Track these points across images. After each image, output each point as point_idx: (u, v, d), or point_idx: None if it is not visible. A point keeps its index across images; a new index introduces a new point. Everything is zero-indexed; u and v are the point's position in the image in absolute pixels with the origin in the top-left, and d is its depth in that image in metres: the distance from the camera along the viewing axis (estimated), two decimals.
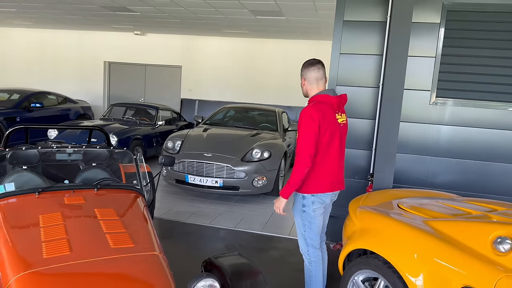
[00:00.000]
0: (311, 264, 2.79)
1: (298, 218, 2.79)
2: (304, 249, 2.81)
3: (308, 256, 2.79)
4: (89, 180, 3.07)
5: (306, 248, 2.79)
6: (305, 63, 2.75)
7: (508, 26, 3.78)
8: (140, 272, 1.96)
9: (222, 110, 7.65)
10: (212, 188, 5.32)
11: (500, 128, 3.92)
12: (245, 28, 9.28)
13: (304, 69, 2.74)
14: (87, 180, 3.09)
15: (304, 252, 2.81)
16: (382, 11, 3.90)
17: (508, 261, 1.96)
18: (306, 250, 2.79)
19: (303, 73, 2.74)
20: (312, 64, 2.70)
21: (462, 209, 2.70)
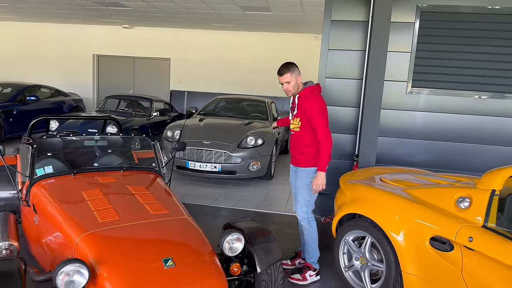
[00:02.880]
0: (311, 225, 3.28)
1: (304, 190, 3.23)
2: (305, 215, 3.28)
3: (308, 220, 3.27)
4: (108, 164, 3.47)
5: (307, 214, 3.27)
6: (294, 64, 3.26)
7: (474, 25, 4.35)
8: (179, 231, 2.44)
9: (214, 101, 8.06)
10: (211, 173, 5.78)
11: (467, 113, 4.52)
12: (232, 22, 9.67)
13: (297, 69, 3.23)
14: (105, 164, 3.49)
15: (305, 218, 3.28)
16: (365, 12, 4.41)
17: (467, 215, 2.52)
18: (306, 215, 3.27)
19: (298, 72, 3.23)
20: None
21: (433, 181, 3.27)
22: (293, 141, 3.34)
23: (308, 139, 3.16)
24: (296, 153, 3.30)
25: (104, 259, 2.05)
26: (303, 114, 3.12)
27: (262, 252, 2.53)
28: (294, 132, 3.28)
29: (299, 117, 3.18)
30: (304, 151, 3.19)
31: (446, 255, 2.49)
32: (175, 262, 2.07)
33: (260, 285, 2.52)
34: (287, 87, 3.18)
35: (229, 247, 2.41)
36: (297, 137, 3.24)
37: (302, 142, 3.20)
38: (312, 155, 3.15)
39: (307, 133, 3.15)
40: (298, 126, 3.21)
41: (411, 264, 2.68)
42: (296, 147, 3.28)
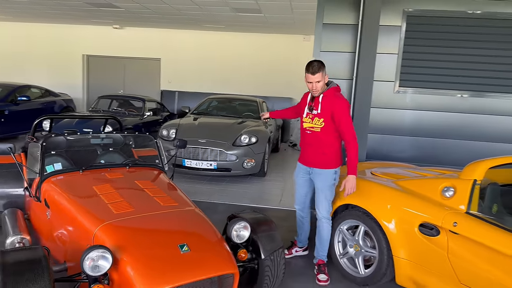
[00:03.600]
0: (330, 224, 3.32)
1: (328, 191, 3.25)
2: (327, 215, 3.30)
3: (329, 219, 3.31)
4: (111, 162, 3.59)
5: (328, 212, 3.30)
6: (323, 63, 3.15)
7: (456, 28, 4.64)
8: (190, 220, 2.62)
9: (207, 101, 8.22)
10: (207, 171, 5.95)
11: (450, 111, 4.81)
12: (223, 23, 9.84)
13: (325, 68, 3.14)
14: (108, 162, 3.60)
15: (326, 217, 3.30)
16: (355, 16, 4.65)
17: (451, 203, 2.77)
18: (328, 215, 3.30)
19: (325, 71, 3.15)
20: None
21: (420, 173, 3.53)
22: (310, 141, 3.26)
23: (331, 139, 3.17)
24: (315, 153, 3.24)
25: (123, 246, 2.22)
26: (329, 114, 3.10)
27: (265, 240, 2.73)
28: (312, 132, 3.21)
29: (323, 117, 3.13)
30: (327, 151, 3.19)
31: (434, 239, 2.74)
32: (190, 248, 2.26)
33: (264, 270, 2.72)
34: (316, 87, 3.09)
35: (237, 235, 2.61)
36: (316, 137, 3.20)
37: (324, 142, 3.18)
38: (335, 155, 3.21)
39: (330, 133, 3.15)
40: (320, 127, 3.16)
41: (401, 249, 2.93)
42: (316, 147, 3.22)
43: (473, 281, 2.55)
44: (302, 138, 3.38)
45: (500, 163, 2.90)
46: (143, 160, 4.07)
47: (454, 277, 2.65)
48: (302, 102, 3.39)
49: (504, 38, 4.59)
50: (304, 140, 3.34)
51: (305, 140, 3.32)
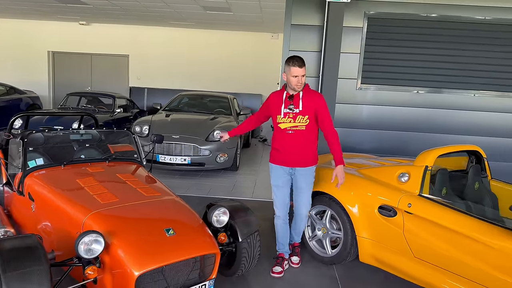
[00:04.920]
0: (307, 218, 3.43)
1: (310, 189, 3.30)
2: (307, 212, 3.37)
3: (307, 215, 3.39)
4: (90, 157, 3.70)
5: (308, 210, 3.37)
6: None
7: (412, 30, 5.05)
8: (173, 208, 2.83)
9: (178, 98, 8.34)
10: (181, 165, 6.12)
11: (408, 106, 5.23)
12: (193, 21, 9.95)
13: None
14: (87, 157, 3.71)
15: (306, 214, 3.36)
16: (320, 17, 4.97)
17: (406, 187, 3.13)
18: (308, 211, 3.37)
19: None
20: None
21: (379, 162, 3.89)
22: (293, 141, 3.15)
23: (314, 136, 3.18)
24: (299, 153, 3.17)
25: (113, 231, 2.40)
26: (313, 111, 3.09)
27: (242, 224, 2.98)
28: (295, 131, 3.12)
29: (307, 114, 3.08)
30: (312, 148, 3.19)
31: (391, 219, 3.10)
32: (175, 232, 2.48)
33: (241, 252, 2.98)
34: (302, 81, 3.02)
35: (217, 220, 2.84)
36: (301, 136, 3.12)
37: (309, 140, 3.16)
38: (315, 151, 3.24)
39: (313, 130, 3.15)
40: (305, 125, 3.10)
41: (363, 230, 3.27)
42: (301, 147, 3.15)
43: (425, 255, 2.93)
44: (279, 140, 3.19)
45: (448, 151, 3.30)
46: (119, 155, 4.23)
47: (409, 252, 3.02)
48: (273, 103, 3.19)
49: (456, 39, 5.05)
50: (283, 141, 3.17)
51: (285, 141, 3.15)
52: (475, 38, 5.02)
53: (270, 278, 3.26)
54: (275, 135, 3.26)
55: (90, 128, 3.97)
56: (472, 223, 2.71)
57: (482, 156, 3.60)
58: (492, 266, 2.55)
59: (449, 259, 2.78)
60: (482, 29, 4.99)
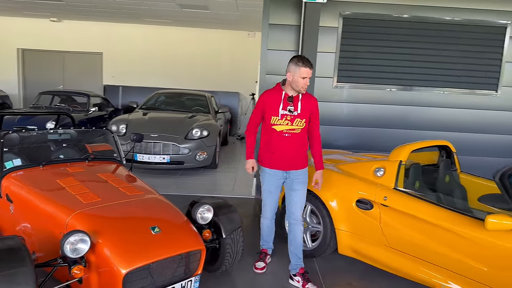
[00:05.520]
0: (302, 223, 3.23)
1: (305, 192, 3.19)
2: (300, 217, 3.18)
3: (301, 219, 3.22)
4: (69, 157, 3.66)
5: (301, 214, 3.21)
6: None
7: (385, 30, 5.23)
8: (157, 206, 2.86)
9: (155, 96, 8.28)
10: (160, 164, 6.11)
11: (381, 103, 5.42)
12: (169, 18, 9.87)
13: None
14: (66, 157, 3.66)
15: (300, 219, 3.18)
16: (297, 17, 5.08)
17: (382, 181, 3.28)
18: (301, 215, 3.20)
19: None
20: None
21: (356, 158, 4.04)
22: (289, 145, 3.04)
23: (306, 138, 3.14)
24: (294, 155, 3.07)
25: (98, 230, 2.41)
26: (309, 114, 3.04)
27: (226, 221, 3.05)
28: (292, 134, 3.01)
29: (304, 117, 3.01)
30: (305, 150, 3.14)
31: (368, 212, 3.24)
32: (160, 229, 2.51)
33: (225, 248, 3.04)
34: (308, 83, 2.93)
35: (201, 217, 2.89)
36: (297, 139, 3.04)
37: (303, 142, 3.10)
38: (306, 153, 3.19)
39: (306, 133, 3.11)
40: (301, 128, 3.02)
41: (342, 223, 3.40)
42: (296, 150, 3.07)
43: (401, 245, 3.08)
44: (275, 143, 3.04)
45: (420, 146, 3.48)
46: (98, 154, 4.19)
47: (385, 243, 3.16)
48: (269, 102, 3.01)
49: (426, 39, 5.26)
50: (279, 144, 3.03)
51: (281, 144, 3.03)
52: (444, 38, 5.25)
53: (253, 273, 3.34)
54: (267, 137, 3.07)
55: (68, 128, 3.91)
56: (444, 214, 2.88)
57: (451, 151, 3.79)
58: (464, 254, 2.72)
59: (423, 249, 2.94)
60: (450, 30, 5.23)
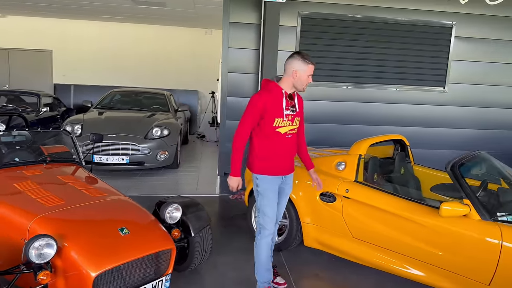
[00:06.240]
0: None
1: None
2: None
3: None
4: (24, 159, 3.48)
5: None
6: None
7: (341, 29, 5.44)
8: (124, 207, 2.81)
9: (110, 95, 8.02)
10: (119, 165, 5.94)
11: (339, 100, 5.64)
12: (122, 14, 9.58)
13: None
14: (20, 159, 3.48)
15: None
16: (257, 16, 5.15)
17: (344, 174, 3.43)
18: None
19: None
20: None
21: (318, 153, 4.17)
22: (290, 147, 2.82)
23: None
24: (291, 158, 2.90)
25: (63, 234, 2.33)
26: (302, 111, 2.91)
27: (194, 219, 3.05)
28: (292, 134, 2.80)
29: (300, 115, 2.87)
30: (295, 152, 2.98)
31: (331, 205, 3.37)
32: (129, 230, 2.47)
33: (194, 246, 3.05)
34: (311, 80, 2.77)
35: (169, 216, 2.87)
36: (295, 139, 2.87)
37: (296, 143, 2.95)
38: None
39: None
40: (297, 127, 2.85)
41: (307, 216, 3.51)
42: (293, 151, 2.89)
43: (363, 234, 3.24)
44: (279, 146, 2.75)
45: (377, 140, 3.67)
46: (56, 156, 4.03)
47: (348, 234, 3.31)
48: (272, 104, 2.67)
49: (380, 38, 5.53)
50: (283, 148, 2.77)
51: (284, 147, 2.78)
52: (396, 37, 5.55)
53: (222, 269, 3.36)
54: (268, 142, 2.73)
55: (20, 129, 3.72)
56: (401, 203, 3.07)
57: (405, 144, 4.03)
58: (420, 240, 2.92)
59: (383, 237, 3.11)
60: (401, 30, 5.53)
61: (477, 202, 2.72)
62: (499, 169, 3.35)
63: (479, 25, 5.66)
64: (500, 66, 5.85)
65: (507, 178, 3.29)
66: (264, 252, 2.86)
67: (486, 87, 5.88)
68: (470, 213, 2.69)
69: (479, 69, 5.81)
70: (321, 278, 3.34)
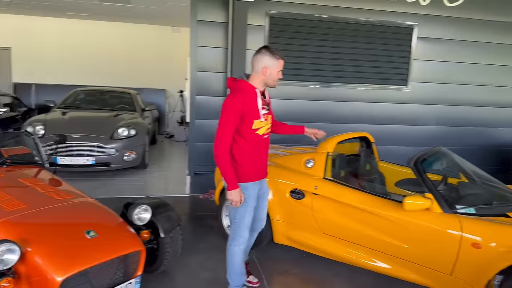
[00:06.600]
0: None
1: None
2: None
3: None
4: None
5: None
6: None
7: (308, 29, 5.51)
8: (90, 209, 2.74)
9: (73, 94, 7.75)
10: (84, 167, 5.76)
11: (307, 99, 5.72)
12: (86, 11, 9.28)
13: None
14: None
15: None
16: (225, 15, 5.13)
17: (312, 171, 3.49)
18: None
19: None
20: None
21: (288, 152, 4.23)
22: (267, 146, 2.74)
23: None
24: (267, 159, 2.80)
25: (27, 239, 2.24)
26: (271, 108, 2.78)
27: (164, 220, 3.01)
28: (268, 133, 2.70)
29: (272, 113, 2.79)
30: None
31: (301, 201, 3.42)
32: (97, 233, 2.41)
33: (164, 247, 3.01)
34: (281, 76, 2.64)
35: (138, 217, 2.83)
36: (269, 139, 2.74)
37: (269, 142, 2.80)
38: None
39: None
40: (270, 126, 2.74)
41: (277, 213, 3.55)
42: (268, 152, 2.78)
43: (332, 230, 3.31)
44: (256, 149, 2.63)
45: (344, 138, 3.76)
46: (17, 158, 3.87)
47: (318, 229, 3.38)
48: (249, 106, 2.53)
49: (345, 38, 5.65)
50: (261, 150, 2.67)
51: (262, 149, 2.68)
52: (361, 37, 5.69)
53: (193, 269, 3.34)
54: (247, 147, 2.57)
55: None
56: (367, 198, 3.16)
57: (370, 141, 4.15)
58: (386, 233, 3.02)
59: (352, 232, 3.20)
60: (366, 30, 5.68)
61: (439, 195, 2.85)
62: (459, 164, 3.53)
63: (439, 26, 5.90)
64: (460, 66, 6.13)
65: (466, 172, 3.47)
66: (238, 258, 2.74)
67: (446, 85, 6.14)
68: (432, 206, 2.81)
69: (440, 68, 6.06)
70: (292, 274, 3.39)
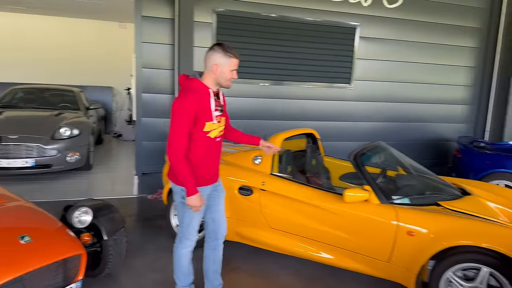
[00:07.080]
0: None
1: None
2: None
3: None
4: None
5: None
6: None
7: (256, 28, 5.55)
8: (25, 213, 2.59)
9: (10, 93, 7.28)
10: (23, 169, 5.42)
11: (256, 97, 5.77)
12: (21, 4, 8.71)
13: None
14: None
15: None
16: (171, 11, 5.04)
17: (260, 168, 3.53)
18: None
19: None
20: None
21: (237, 149, 4.25)
22: (219, 149, 2.62)
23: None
24: (217, 165, 2.67)
25: None
26: (226, 110, 2.68)
27: (107, 222, 2.92)
28: (221, 136, 2.58)
29: (226, 115, 2.66)
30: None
31: (249, 198, 3.46)
32: (32, 238, 2.28)
33: (108, 250, 2.92)
34: (236, 76, 2.53)
35: (78, 220, 2.72)
36: (221, 143, 2.63)
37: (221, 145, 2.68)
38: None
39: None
40: (223, 128, 2.63)
41: (227, 210, 3.51)
42: (220, 155, 2.66)
43: (278, 224, 3.38)
44: (208, 152, 2.50)
45: (291, 134, 3.84)
46: None
47: (266, 224, 3.43)
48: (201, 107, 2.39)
49: (292, 37, 5.76)
50: (213, 153, 2.55)
51: (214, 152, 2.56)
52: (307, 37, 5.83)
53: (140, 271, 3.27)
54: (199, 150, 2.44)
55: None
56: (312, 193, 3.26)
57: (316, 138, 4.28)
58: (330, 225, 3.14)
59: (298, 226, 3.29)
60: (312, 29, 5.83)
61: (376, 187, 3.01)
62: (396, 157, 3.73)
63: (380, 27, 6.19)
64: (401, 65, 6.47)
65: (402, 165, 3.68)
66: (185, 260, 2.67)
67: (387, 83, 6.46)
68: (370, 198, 2.96)
69: (381, 67, 6.36)
70: (243, 270, 3.42)
